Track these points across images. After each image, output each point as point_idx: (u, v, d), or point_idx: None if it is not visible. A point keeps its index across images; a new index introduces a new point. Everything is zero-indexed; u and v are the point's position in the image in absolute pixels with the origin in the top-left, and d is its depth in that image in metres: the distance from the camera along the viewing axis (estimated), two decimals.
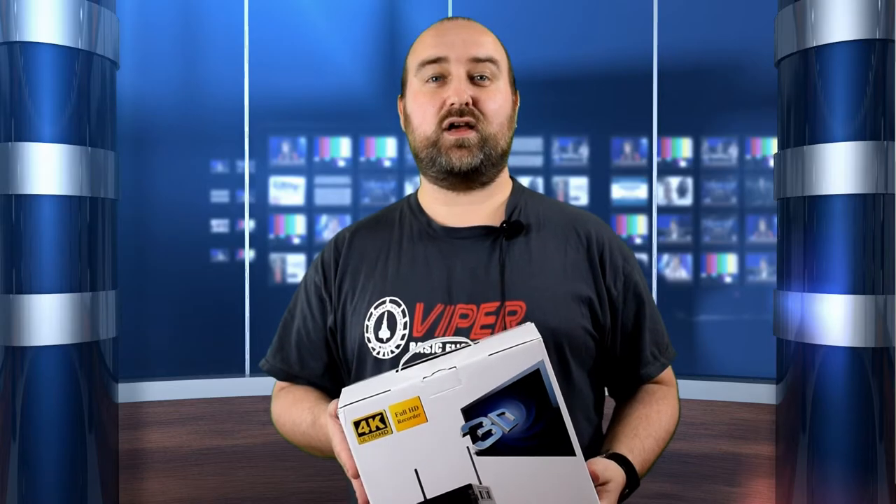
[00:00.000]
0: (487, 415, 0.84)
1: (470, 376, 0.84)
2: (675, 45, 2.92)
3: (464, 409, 0.84)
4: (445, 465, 0.85)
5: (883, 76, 2.23)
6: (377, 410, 0.84)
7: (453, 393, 0.84)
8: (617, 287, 1.12)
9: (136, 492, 2.67)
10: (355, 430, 0.85)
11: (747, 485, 2.66)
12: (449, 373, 0.84)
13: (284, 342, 1.21)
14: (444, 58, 1.08)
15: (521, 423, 0.84)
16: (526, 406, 0.84)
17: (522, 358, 0.84)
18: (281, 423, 1.19)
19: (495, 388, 0.84)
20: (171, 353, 2.90)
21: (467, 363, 0.84)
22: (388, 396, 0.84)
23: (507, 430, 0.84)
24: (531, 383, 0.84)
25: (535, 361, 0.84)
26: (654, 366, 1.16)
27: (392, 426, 0.84)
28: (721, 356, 2.92)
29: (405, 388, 0.84)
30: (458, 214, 1.13)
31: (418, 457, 0.85)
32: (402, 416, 0.84)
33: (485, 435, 0.84)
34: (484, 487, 0.85)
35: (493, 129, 1.09)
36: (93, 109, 2.40)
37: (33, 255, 2.30)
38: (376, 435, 0.84)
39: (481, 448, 0.84)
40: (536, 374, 0.84)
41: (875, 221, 2.23)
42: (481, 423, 0.84)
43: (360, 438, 0.85)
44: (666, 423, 1.13)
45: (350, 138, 3.04)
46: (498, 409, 0.84)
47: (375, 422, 0.84)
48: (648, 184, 2.97)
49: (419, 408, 0.84)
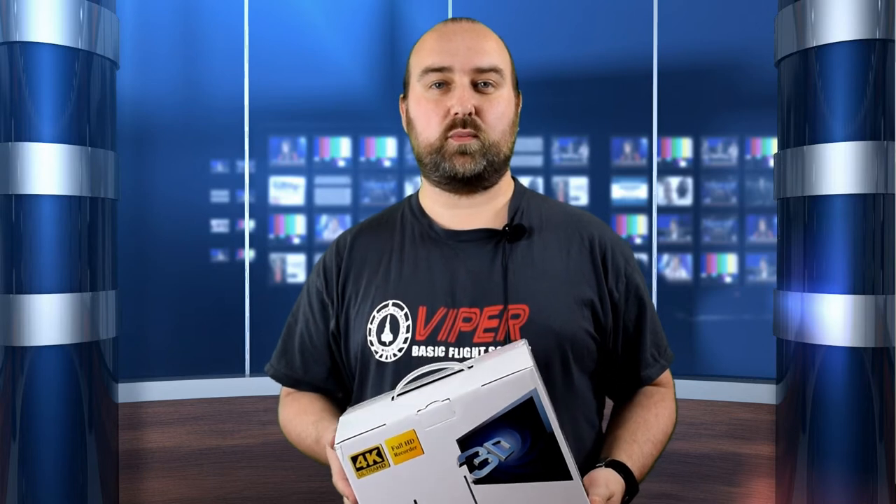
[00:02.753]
0: (483, 444, 0.85)
1: (464, 408, 0.84)
2: (675, 45, 2.92)
3: (459, 439, 0.85)
4: (444, 495, 0.86)
5: (883, 76, 2.23)
6: (373, 445, 0.85)
7: (448, 425, 0.85)
8: (619, 289, 1.12)
9: (136, 492, 2.67)
10: (353, 465, 0.86)
11: (747, 485, 2.66)
12: (442, 405, 0.85)
13: (288, 346, 1.21)
14: (449, 67, 1.08)
15: (516, 451, 0.85)
16: (521, 434, 0.85)
17: (515, 388, 0.84)
18: (287, 431, 1.20)
19: (489, 418, 0.84)
20: (171, 353, 2.90)
21: (460, 394, 0.85)
22: (383, 431, 0.85)
23: (504, 458, 0.85)
24: (525, 411, 0.84)
25: (527, 391, 0.84)
26: (654, 368, 1.16)
27: (389, 460, 0.85)
28: (721, 356, 2.92)
29: (400, 421, 0.85)
30: (461, 217, 1.13)
31: (417, 488, 0.86)
32: (399, 449, 0.85)
33: (481, 464, 0.85)
34: None
35: (495, 136, 1.09)
36: (93, 109, 2.40)
37: (33, 255, 2.30)
38: (374, 469, 0.85)
39: (479, 477, 0.85)
40: (530, 402, 0.84)
41: (875, 221, 2.23)
42: (477, 452, 0.85)
43: (359, 473, 0.86)
44: (664, 426, 1.14)
45: (350, 138, 3.04)
46: (493, 438, 0.85)
47: (373, 456, 0.85)
48: (648, 184, 2.97)
49: (415, 441, 0.85)
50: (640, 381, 1.16)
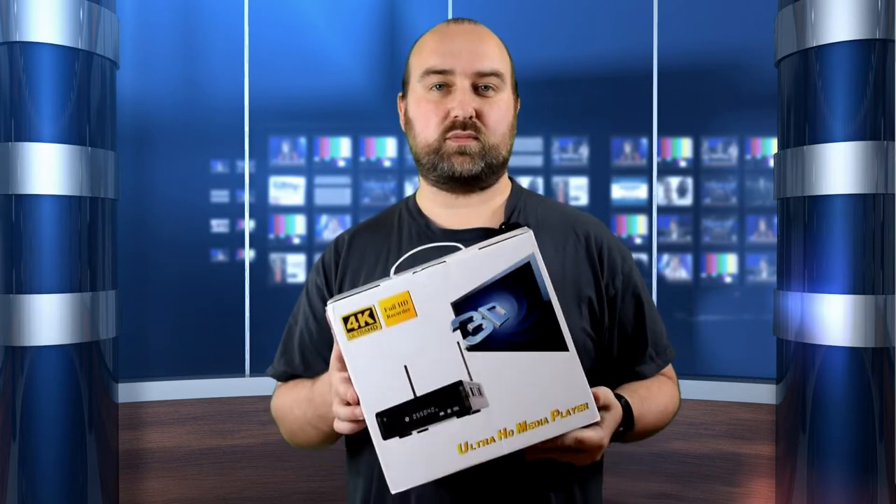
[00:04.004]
0: (478, 309, 0.83)
1: (460, 270, 0.83)
2: (675, 45, 2.92)
3: (454, 303, 0.83)
4: (435, 362, 0.84)
5: (883, 76, 2.23)
6: (366, 305, 0.83)
7: (443, 287, 0.83)
8: (615, 286, 1.12)
9: (136, 492, 2.67)
10: (344, 326, 0.84)
11: (747, 485, 2.66)
12: (438, 267, 0.83)
13: (288, 346, 1.21)
14: (450, 70, 1.08)
15: (512, 318, 0.83)
16: (517, 300, 0.83)
17: (513, 251, 0.83)
18: (279, 406, 1.18)
19: (485, 281, 0.83)
20: (171, 353, 2.90)
21: (457, 258, 0.83)
22: (377, 291, 0.83)
23: (499, 325, 0.83)
24: (522, 276, 0.83)
25: (525, 254, 0.83)
26: (650, 366, 1.16)
27: (381, 321, 0.83)
28: (721, 356, 2.92)
29: (394, 282, 0.83)
30: (458, 216, 1.14)
31: (408, 353, 0.84)
32: (392, 311, 0.83)
33: (475, 329, 0.83)
34: (475, 384, 0.84)
35: (495, 139, 1.10)
36: (93, 109, 2.40)
37: (33, 255, 2.30)
38: (365, 330, 0.83)
39: (472, 343, 0.83)
40: (527, 267, 0.83)
41: (875, 221, 2.23)
42: (472, 317, 0.83)
43: (350, 334, 0.84)
44: (665, 399, 1.14)
45: (350, 138, 3.04)
46: (489, 302, 0.83)
47: (364, 317, 0.83)
48: (648, 184, 2.97)
49: (409, 302, 0.83)
50: (635, 378, 1.16)
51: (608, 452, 1.12)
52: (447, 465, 0.85)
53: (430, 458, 0.84)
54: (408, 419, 0.84)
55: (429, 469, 0.85)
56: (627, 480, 2.74)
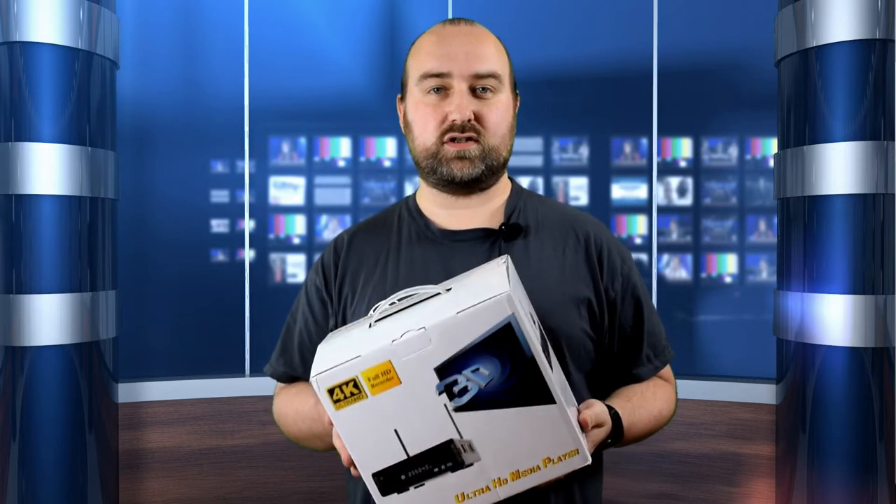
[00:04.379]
0: (462, 372, 0.83)
1: (440, 335, 0.82)
2: (675, 45, 2.92)
3: (437, 368, 0.83)
4: (425, 424, 0.84)
5: (883, 76, 2.23)
6: (349, 377, 0.83)
7: (424, 353, 0.83)
8: (615, 288, 1.12)
9: (136, 492, 2.67)
10: (330, 398, 0.84)
11: (747, 485, 2.66)
12: (418, 334, 0.83)
13: (287, 345, 1.21)
14: (447, 73, 1.07)
15: (496, 377, 0.83)
16: (500, 359, 0.83)
17: (492, 313, 0.82)
18: (283, 414, 1.18)
19: (466, 345, 0.82)
20: (171, 353, 2.90)
21: (436, 322, 0.83)
22: (358, 363, 0.83)
23: (483, 385, 0.83)
24: (504, 337, 0.82)
25: (504, 315, 0.82)
26: (646, 367, 1.15)
27: (366, 391, 0.83)
28: (721, 356, 2.92)
29: (375, 351, 0.83)
30: (457, 217, 1.13)
31: (396, 418, 0.84)
32: (375, 380, 0.83)
33: (461, 391, 0.83)
34: (465, 441, 0.85)
35: (494, 141, 1.09)
36: (93, 109, 2.40)
37: (33, 255, 2.30)
38: (351, 400, 0.84)
39: (459, 404, 0.84)
40: (508, 327, 0.82)
41: (875, 221, 2.23)
42: (456, 380, 0.83)
43: (336, 405, 0.84)
44: (660, 404, 1.14)
45: (350, 138, 3.04)
46: (472, 365, 0.83)
47: (349, 388, 0.83)
48: (648, 184, 2.97)
49: (391, 371, 0.83)
50: (633, 379, 1.15)
51: (608, 452, 1.12)
52: None
53: None
54: (404, 477, 0.85)
55: None
56: (627, 480, 2.74)
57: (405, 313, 0.88)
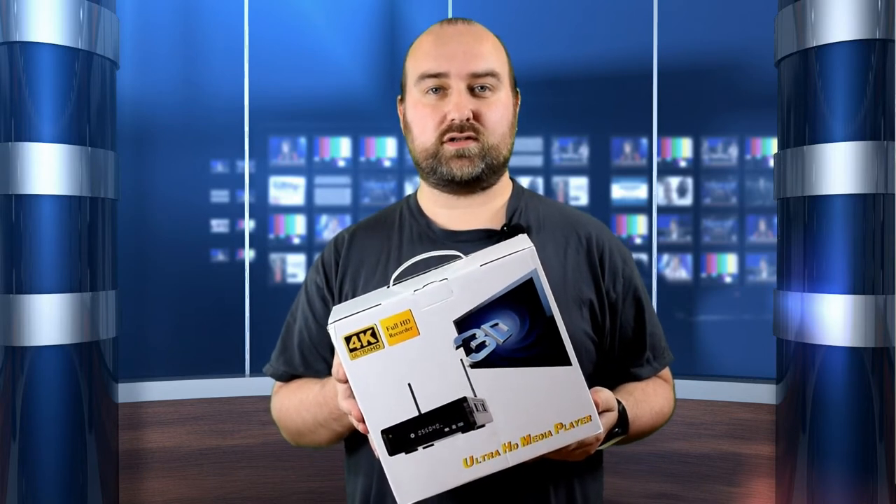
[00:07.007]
0: (480, 326, 0.83)
1: (462, 287, 0.82)
2: (675, 45, 2.92)
3: (456, 321, 0.83)
4: (439, 379, 0.84)
5: (883, 76, 2.23)
6: (368, 325, 0.83)
7: (445, 305, 0.82)
8: (616, 289, 1.12)
9: (136, 492, 2.67)
10: (346, 346, 0.83)
11: (747, 485, 2.66)
12: (440, 285, 0.83)
13: (287, 344, 1.20)
14: (445, 73, 1.07)
15: (515, 334, 0.83)
16: (520, 316, 0.83)
17: (515, 267, 0.82)
18: (285, 407, 1.16)
19: (488, 298, 0.82)
20: (171, 353, 2.90)
21: (458, 274, 0.83)
22: (378, 311, 0.83)
23: (502, 342, 0.83)
24: (524, 293, 0.82)
25: (527, 270, 0.82)
26: (645, 369, 1.15)
27: (384, 341, 0.83)
28: (721, 356, 2.92)
29: (396, 301, 0.83)
30: (459, 217, 1.13)
31: (411, 371, 0.84)
32: (394, 329, 0.83)
33: (478, 347, 0.83)
34: (479, 400, 0.84)
35: (494, 139, 1.09)
36: (93, 109, 2.40)
37: (33, 255, 2.30)
38: (368, 350, 0.83)
39: (475, 360, 0.83)
40: (529, 283, 0.82)
41: (875, 221, 2.23)
42: (474, 334, 0.83)
43: (352, 354, 0.83)
44: (660, 402, 1.14)
45: (350, 138, 3.04)
46: (491, 319, 0.83)
47: (367, 336, 0.83)
48: (648, 184, 2.97)
49: (411, 321, 0.83)
50: (632, 381, 1.15)
51: (608, 452, 1.12)
52: (453, 479, 0.86)
53: (437, 472, 0.85)
54: (413, 435, 0.84)
55: (435, 483, 0.85)
56: (627, 480, 2.74)
57: (426, 274, 0.88)
